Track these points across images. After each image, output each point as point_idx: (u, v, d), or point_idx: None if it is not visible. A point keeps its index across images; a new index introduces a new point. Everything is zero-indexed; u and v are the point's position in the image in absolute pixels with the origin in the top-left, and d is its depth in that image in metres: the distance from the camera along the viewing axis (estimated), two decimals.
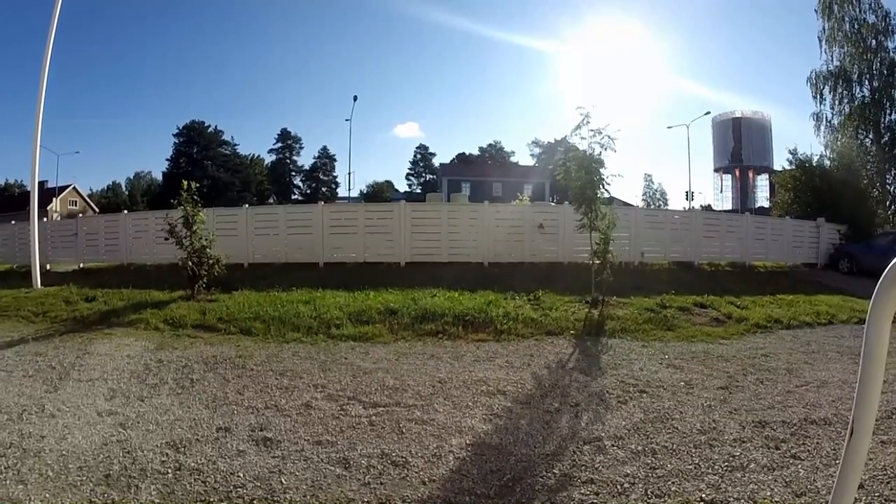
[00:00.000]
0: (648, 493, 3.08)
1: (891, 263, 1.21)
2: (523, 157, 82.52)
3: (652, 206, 63.17)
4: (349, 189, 49.96)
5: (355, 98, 47.03)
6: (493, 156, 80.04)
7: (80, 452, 3.55)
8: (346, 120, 65.73)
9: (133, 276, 12.17)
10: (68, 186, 57.73)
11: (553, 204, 25.13)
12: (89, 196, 65.21)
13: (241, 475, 3.26)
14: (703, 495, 3.03)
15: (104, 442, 3.72)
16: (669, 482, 3.19)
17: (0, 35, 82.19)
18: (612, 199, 11.50)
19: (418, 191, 73.96)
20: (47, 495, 2.99)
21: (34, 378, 5.25)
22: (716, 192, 73.22)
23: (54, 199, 51.11)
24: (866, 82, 24.49)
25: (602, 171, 8.95)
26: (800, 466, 3.39)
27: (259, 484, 3.16)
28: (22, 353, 6.23)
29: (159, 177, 75.04)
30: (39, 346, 6.57)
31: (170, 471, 3.30)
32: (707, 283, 11.25)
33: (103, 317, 8.23)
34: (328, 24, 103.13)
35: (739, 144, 68.90)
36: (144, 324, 7.69)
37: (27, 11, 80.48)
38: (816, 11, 25.72)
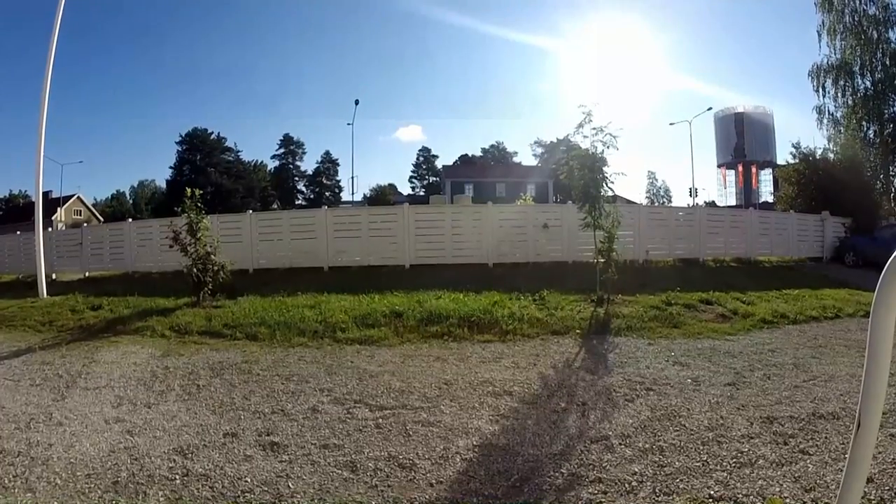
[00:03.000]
0: (657, 491, 3.06)
1: (894, 255, 1.21)
2: (526, 158, 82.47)
3: (656, 204, 63.10)
4: (352, 193, 49.77)
5: (357, 102, 46.89)
6: (496, 156, 79.95)
7: (88, 460, 3.56)
8: (348, 124, 65.74)
9: (138, 284, 12.21)
10: (73, 196, 58.11)
11: (556, 203, 25.09)
12: (94, 205, 65.58)
13: (249, 480, 3.26)
14: (712, 492, 3.01)
15: (112, 449, 3.73)
16: (678, 480, 3.18)
17: (1, 46, 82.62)
18: (615, 198, 11.47)
19: (421, 193, 73.93)
20: (55, 503, 3.00)
21: (41, 387, 5.27)
22: (719, 188, 73.16)
23: (59, 209, 51.40)
24: (868, 74, 24.38)
25: (605, 169, 8.94)
26: (809, 461, 3.37)
27: (266, 488, 3.16)
28: (29, 363, 6.26)
29: (163, 185, 75.33)
30: (46, 355, 6.60)
31: (177, 477, 3.31)
32: (712, 280, 11.21)
33: (109, 325, 8.26)
34: (328, 28, 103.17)
35: (742, 140, 68.71)
36: (150, 331, 7.71)
37: (29, 23, 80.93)
38: (816, 5, 25.66)
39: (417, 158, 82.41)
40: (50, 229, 21.00)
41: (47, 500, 3.04)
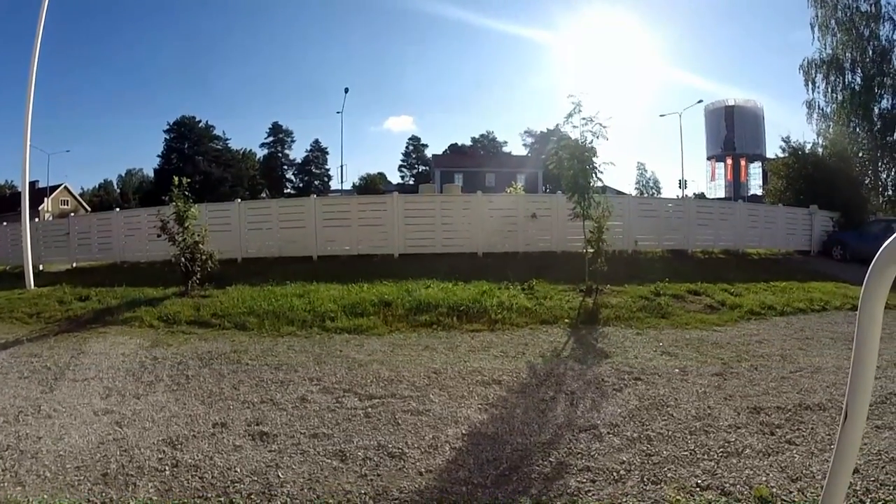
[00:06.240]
0: (644, 479, 3.09)
1: (882, 247, 1.21)
2: (516, 148, 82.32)
3: (645, 195, 63.30)
4: (342, 182, 49.35)
5: (346, 90, 46.45)
6: (486, 146, 79.72)
7: (78, 452, 3.53)
8: (338, 112, 65.06)
9: (126, 274, 12.11)
10: (59, 186, 57.27)
11: (546, 193, 25.07)
12: (81, 195, 64.72)
13: (239, 470, 3.26)
14: (699, 481, 3.05)
15: (101, 441, 3.71)
16: (665, 468, 3.21)
17: None
18: (605, 188, 11.50)
19: (411, 182, 73.66)
20: (45, 496, 2.98)
21: (29, 379, 5.22)
22: (708, 181, 73.34)
23: (46, 199, 50.66)
24: (858, 70, 24.47)
25: (594, 159, 8.94)
26: (795, 451, 3.41)
27: (256, 478, 3.16)
28: (17, 355, 6.19)
29: (151, 174, 74.46)
30: (34, 347, 6.54)
31: (167, 468, 3.30)
32: (701, 271, 11.30)
33: (97, 315, 8.19)
34: (319, 17, 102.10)
35: (732, 133, 68.74)
36: (139, 321, 7.66)
37: (15, 11, 79.32)
38: None
39: (407, 147, 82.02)
40: (37, 220, 20.72)
41: (37, 493, 3.01)
